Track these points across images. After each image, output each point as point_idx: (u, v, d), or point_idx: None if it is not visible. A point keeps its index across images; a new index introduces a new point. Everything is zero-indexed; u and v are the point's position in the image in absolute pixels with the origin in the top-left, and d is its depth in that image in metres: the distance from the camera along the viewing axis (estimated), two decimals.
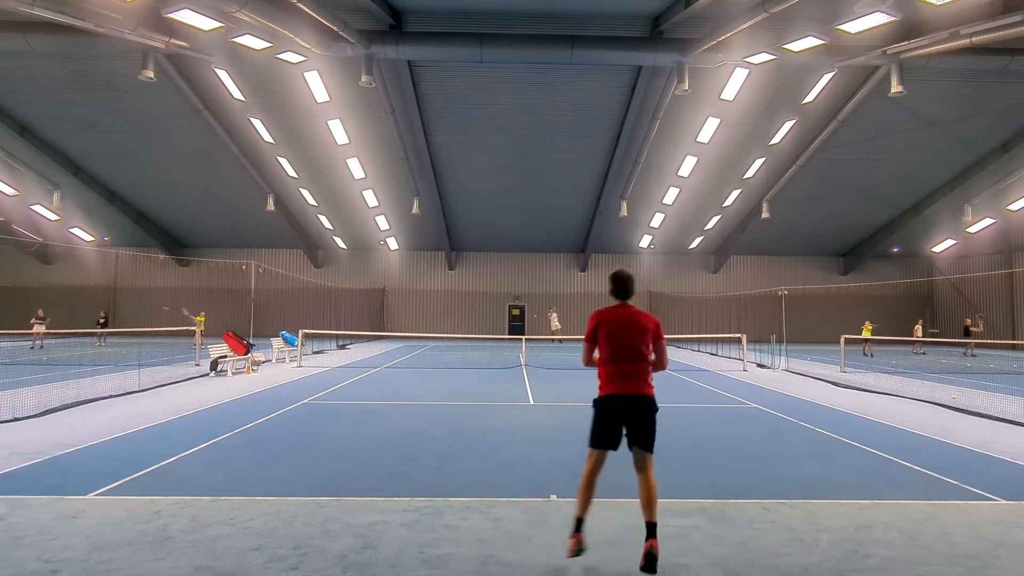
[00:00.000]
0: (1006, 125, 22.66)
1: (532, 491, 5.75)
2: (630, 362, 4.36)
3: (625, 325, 4.41)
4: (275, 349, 19.90)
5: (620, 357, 4.36)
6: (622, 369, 4.34)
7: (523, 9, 17.10)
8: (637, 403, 4.32)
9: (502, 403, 11.28)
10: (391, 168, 25.15)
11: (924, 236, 31.37)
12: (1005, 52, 17.19)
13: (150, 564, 4.05)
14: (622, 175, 25.41)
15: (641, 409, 4.32)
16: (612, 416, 4.31)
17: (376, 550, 4.32)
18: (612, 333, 4.40)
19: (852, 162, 24.88)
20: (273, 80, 20.06)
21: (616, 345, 4.38)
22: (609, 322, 4.43)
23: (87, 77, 20.31)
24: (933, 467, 6.78)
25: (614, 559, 4.23)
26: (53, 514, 4.98)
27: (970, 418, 9.97)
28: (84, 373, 14.66)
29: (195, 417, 9.53)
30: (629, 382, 4.32)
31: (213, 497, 5.43)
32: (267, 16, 14.31)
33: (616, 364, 4.36)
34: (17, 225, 29.67)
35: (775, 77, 19.45)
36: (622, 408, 4.31)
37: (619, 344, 4.37)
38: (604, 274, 35.63)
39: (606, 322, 4.44)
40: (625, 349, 4.36)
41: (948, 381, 15.22)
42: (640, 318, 4.45)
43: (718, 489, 5.86)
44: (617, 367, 4.35)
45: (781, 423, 9.64)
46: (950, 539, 4.64)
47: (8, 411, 9.19)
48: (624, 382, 4.32)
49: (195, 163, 25.71)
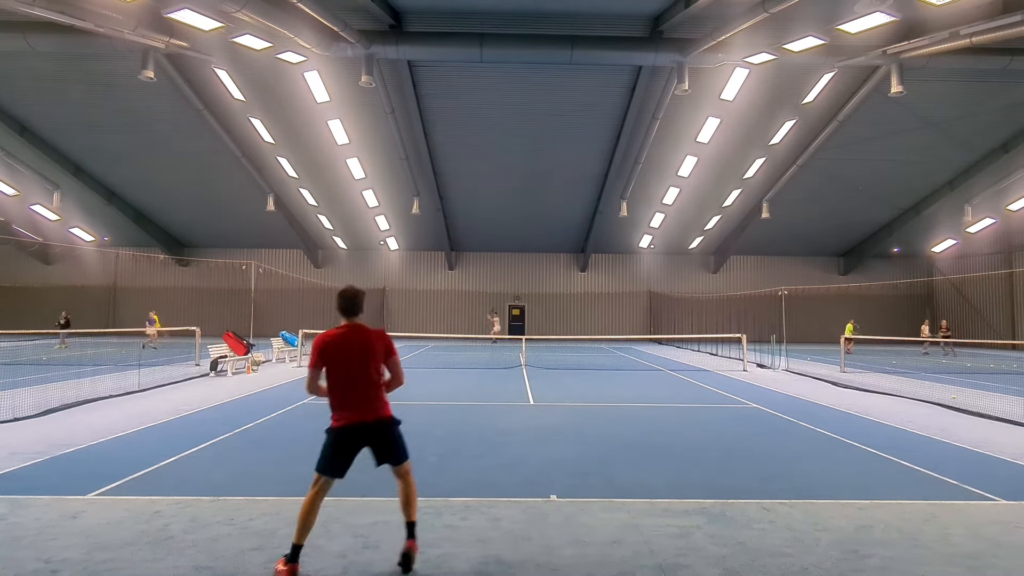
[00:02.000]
0: (1006, 125, 22.66)
1: (532, 491, 5.75)
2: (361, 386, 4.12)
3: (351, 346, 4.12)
4: (275, 349, 19.90)
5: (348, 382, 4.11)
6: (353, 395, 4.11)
7: (523, 9, 17.10)
8: (376, 428, 4.14)
9: (502, 403, 11.28)
10: (391, 168, 25.15)
11: (924, 236, 31.37)
12: (1005, 52, 17.19)
13: (150, 564, 4.05)
14: (622, 175, 25.41)
15: (381, 431, 4.16)
16: (346, 445, 4.10)
17: (376, 550, 4.32)
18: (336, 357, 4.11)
19: (852, 162, 24.89)
20: (273, 80, 20.06)
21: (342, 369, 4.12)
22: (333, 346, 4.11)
23: (87, 77, 20.30)
24: (933, 467, 6.78)
25: (614, 559, 4.23)
26: (53, 514, 4.98)
27: (970, 418, 9.97)
28: (84, 373, 14.65)
29: (195, 417, 9.53)
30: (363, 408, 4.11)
31: (213, 497, 5.43)
32: (267, 16, 14.31)
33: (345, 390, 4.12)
34: (17, 225, 29.68)
35: (775, 77, 19.45)
36: (359, 436, 4.12)
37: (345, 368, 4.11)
38: (604, 274, 35.74)
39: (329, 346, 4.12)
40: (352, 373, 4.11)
41: (948, 381, 15.22)
42: (369, 336, 4.16)
43: (718, 489, 5.86)
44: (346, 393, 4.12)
45: (781, 423, 9.65)
46: (950, 539, 4.64)
47: (8, 411, 9.19)
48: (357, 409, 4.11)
49: (195, 163, 25.70)
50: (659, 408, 11.05)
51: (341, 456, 4.10)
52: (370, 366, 4.12)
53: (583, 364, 20.05)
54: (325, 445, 4.13)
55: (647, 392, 13.30)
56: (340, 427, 4.10)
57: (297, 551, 3.90)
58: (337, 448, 4.09)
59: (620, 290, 35.89)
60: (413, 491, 4.26)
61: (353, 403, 4.11)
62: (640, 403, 11.60)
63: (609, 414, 10.32)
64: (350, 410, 4.10)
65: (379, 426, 4.15)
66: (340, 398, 4.12)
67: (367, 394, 4.12)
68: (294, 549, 3.90)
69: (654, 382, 15.17)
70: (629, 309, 35.78)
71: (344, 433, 4.10)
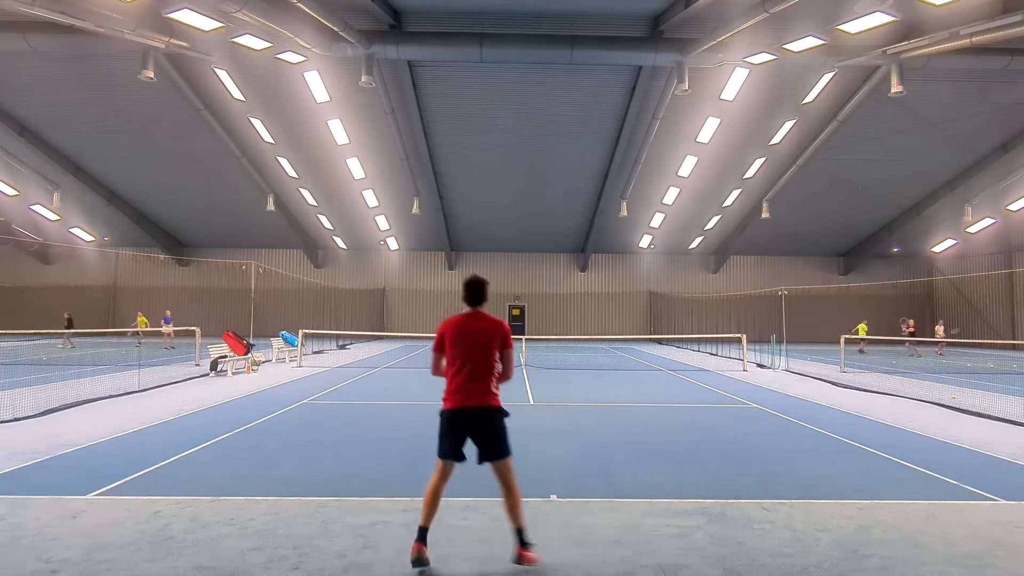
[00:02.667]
0: (1006, 125, 22.66)
1: (532, 491, 5.74)
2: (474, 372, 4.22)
3: (473, 334, 4.26)
4: (275, 349, 19.90)
5: (462, 367, 4.23)
6: (465, 380, 4.22)
7: (523, 9, 17.10)
8: (479, 414, 4.21)
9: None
10: (391, 168, 25.15)
11: (924, 236, 31.38)
12: (1005, 52, 17.19)
13: (150, 564, 4.05)
14: (622, 175, 25.41)
15: (485, 419, 4.22)
16: (453, 429, 4.22)
17: (376, 550, 4.32)
18: (454, 342, 4.26)
19: (852, 162, 24.89)
20: (273, 80, 20.06)
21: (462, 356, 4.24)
22: (453, 330, 4.28)
23: (87, 77, 20.32)
24: (933, 467, 6.78)
25: (614, 559, 4.23)
26: (53, 514, 4.97)
27: (970, 418, 9.97)
28: (84, 373, 14.65)
29: (195, 417, 9.52)
30: (471, 394, 4.21)
31: (213, 497, 5.43)
32: (267, 16, 14.31)
33: (458, 374, 4.23)
34: (17, 225, 29.69)
35: (775, 77, 19.45)
36: (463, 421, 4.22)
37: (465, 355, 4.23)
38: (604, 274, 35.73)
39: (449, 330, 4.29)
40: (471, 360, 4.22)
41: (948, 381, 15.22)
42: (489, 325, 4.29)
43: (718, 489, 5.85)
44: (459, 378, 4.23)
45: (781, 423, 9.64)
46: (950, 539, 4.64)
47: (8, 411, 9.19)
48: (465, 394, 4.21)
49: (195, 163, 25.71)
50: (659, 408, 11.04)
51: (451, 439, 4.22)
52: (486, 353, 4.24)
53: (583, 364, 20.04)
54: (439, 429, 4.31)
55: (647, 392, 13.30)
56: (447, 410, 4.26)
57: (423, 532, 4.08)
58: (446, 431, 4.25)
59: (620, 290, 35.89)
60: (515, 495, 4.22)
61: (463, 388, 4.22)
62: (640, 403, 11.59)
63: (609, 414, 10.31)
64: (459, 394, 4.22)
65: (483, 413, 4.21)
66: (452, 382, 4.26)
67: (478, 380, 4.22)
68: (421, 531, 4.09)
69: (654, 382, 15.17)
70: (629, 309, 35.77)
71: (450, 416, 4.24)
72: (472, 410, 4.21)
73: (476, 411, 4.21)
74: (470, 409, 4.21)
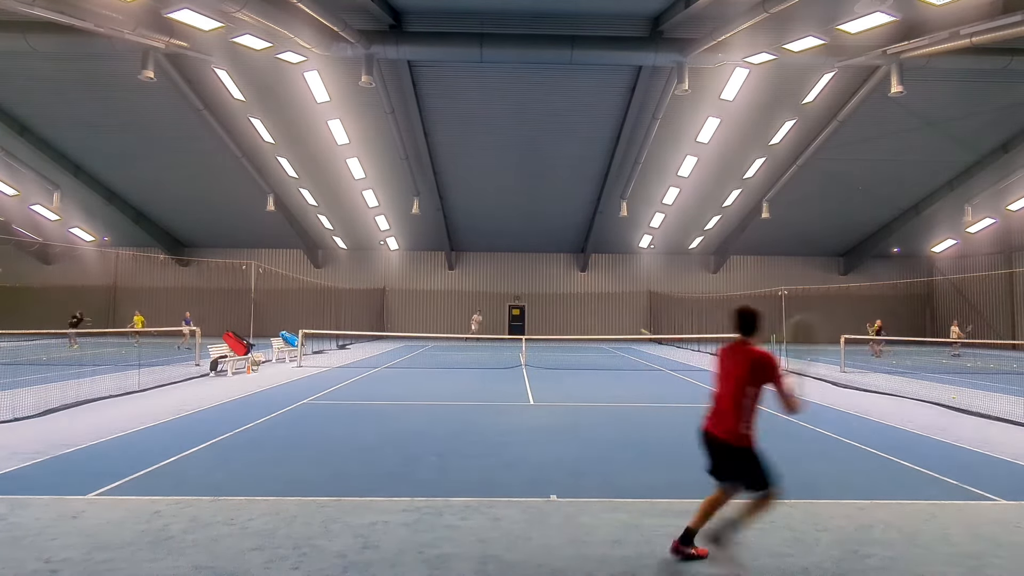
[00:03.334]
0: (1006, 125, 22.65)
1: (532, 491, 5.75)
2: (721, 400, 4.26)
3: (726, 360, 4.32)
4: (275, 349, 19.90)
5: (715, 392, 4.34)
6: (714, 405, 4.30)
7: (523, 9, 17.10)
8: (715, 444, 4.22)
9: (502, 403, 11.28)
10: (391, 168, 25.15)
11: (924, 236, 31.37)
12: (1005, 52, 17.18)
13: (150, 564, 4.05)
14: (622, 175, 25.41)
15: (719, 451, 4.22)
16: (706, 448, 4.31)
17: (376, 550, 4.32)
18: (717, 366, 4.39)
19: (852, 162, 24.88)
20: (273, 80, 20.06)
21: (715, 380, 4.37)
22: (720, 355, 4.41)
23: (87, 77, 20.30)
24: (933, 467, 6.78)
25: (614, 559, 4.23)
26: (53, 514, 4.98)
27: (970, 418, 9.97)
28: (84, 373, 14.66)
29: (195, 417, 9.53)
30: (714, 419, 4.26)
31: (213, 497, 5.43)
32: (267, 16, 14.31)
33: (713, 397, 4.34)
34: (17, 225, 29.67)
35: (775, 77, 19.44)
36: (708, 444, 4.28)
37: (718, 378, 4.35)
38: (604, 274, 35.73)
39: (718, 354, 4.42)
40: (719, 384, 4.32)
41: (948, 381, 15.22)
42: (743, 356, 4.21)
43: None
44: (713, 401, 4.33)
45: (781, 423, 9.63)
46: (950, 539, 4.64)
47: (8, 411, 9.19)
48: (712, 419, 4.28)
49: (195, 163, 25.70)
50: (659, 408, 11.05)
51: (708, 456, 4.27)
52: (732, 383, 4.16)
53: (583, 364, 20.05)
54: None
55: (647, 392, 13.30)
56: (702, 429, 4.32)
57: (688, 534, 4.21)
58: (705, 448, 4.30)
59: (620, 290, 35.89)
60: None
61: (712, 412, 4.27)
62: (640, 403, 11.60)
63: (609, 414, 10.32)
64: (709, 417, 4.28)
65: (717, 444, 4.18)
66: (710, 403, 4.33)
67: (721, 409, 4.21)
68: (687, 532, 4.22)
69: (654, 382, 15.17)
70: (629, 309, 35.78)
71: (703, 435, 4.31)
72: (710, 436, 4.25)
73: (713, 439, 4.24)
74: (709, 435, 4.26)
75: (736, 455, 4.11)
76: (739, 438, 4.08)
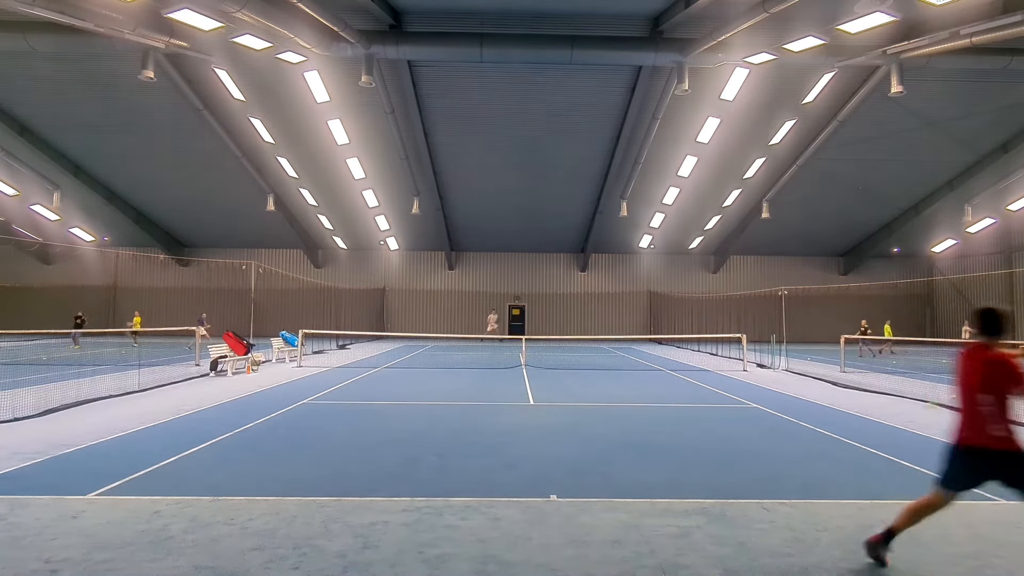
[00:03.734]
0: (1006, 125, 22.66)
1: (532, 491, 5.75)
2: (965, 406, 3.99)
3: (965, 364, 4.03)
4: (275, 349, 19.90)
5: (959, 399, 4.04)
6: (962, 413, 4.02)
7: (523, 9, 17.10)
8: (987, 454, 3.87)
9: (502, 403, 11.28)
10: (391, 168, 25.15)
11: (924, 236, 31.37)
12: (1005, 52, 17.18)
13: (150, 564, 4.05)
14: (622, 175, 25.41)
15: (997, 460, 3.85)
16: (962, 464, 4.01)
17: (376, 550, 4.32)
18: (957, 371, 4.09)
19: (852, 162, 24.88)
20: (273, 80, 20.06)
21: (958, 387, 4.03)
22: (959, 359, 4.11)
23: (87, 77, 20.31)
24: (933, 467, 6.75)
25: (614, 559, 4.23)
26: (53, 514, 4.98)
27: None
28: (84, 373, 14.65)
29: (195, 417, 9.53)
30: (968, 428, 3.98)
31: (213, 497, 5.43)
32: (267, 16, 14.30)
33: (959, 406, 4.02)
34: (17, 225, 29.66)
35: (775, 77, 19.44)
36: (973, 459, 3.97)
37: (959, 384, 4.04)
38: (604, 274, 35.73)
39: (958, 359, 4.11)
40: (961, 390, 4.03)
41: (948, 381, 15.19)
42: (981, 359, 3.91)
43: (718, 489, 5.85)
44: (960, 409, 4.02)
45: (781, 423, 9.64)
46: (950, 539, 4.65)
47: (8, 411, 9.19)
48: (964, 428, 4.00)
49: (195, 163, 25.70)
50: (659, 408, 11.05)
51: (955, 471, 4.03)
52: (971, 388, 3.93)
53: (583, 364, 20.05)
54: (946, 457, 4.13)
55: (647, 392, 13.30)
56: (953, 444, 4.06)
57: (889, 534, 4.15)
58: (952, 463, 4.05)
59: (620, 290, 35.89)
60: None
61: (962, 421, 4.02)
62: (640, 403, 11.60)
63: (609, 414, 10.32)
64: (961, 428, 4.01)
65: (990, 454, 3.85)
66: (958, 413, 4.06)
67: (970, 415, 3.96)
68: (889, 532, 4.15)
69: (654, 382, 15.17)
70: (629, 309, 35.78)
71: (956, 451, 4.04)
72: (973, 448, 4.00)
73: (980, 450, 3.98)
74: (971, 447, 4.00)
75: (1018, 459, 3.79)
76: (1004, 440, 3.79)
